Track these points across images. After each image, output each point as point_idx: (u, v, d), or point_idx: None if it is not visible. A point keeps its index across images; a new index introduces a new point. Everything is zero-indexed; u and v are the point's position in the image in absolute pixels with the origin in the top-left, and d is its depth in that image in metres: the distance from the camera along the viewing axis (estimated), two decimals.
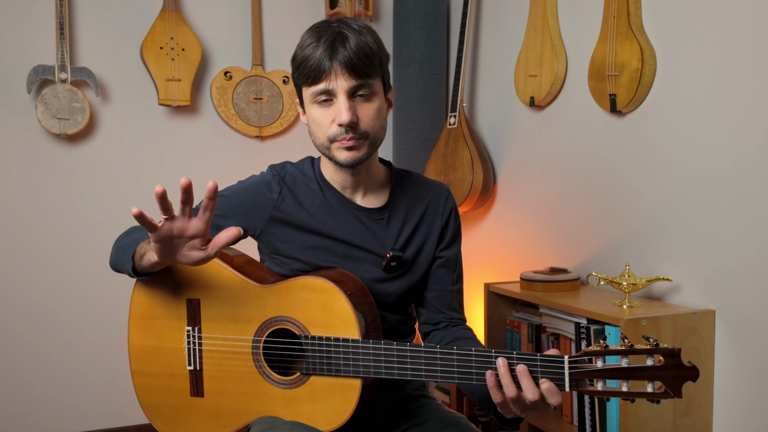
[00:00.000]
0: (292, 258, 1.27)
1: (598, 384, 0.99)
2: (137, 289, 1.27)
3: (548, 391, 1.00)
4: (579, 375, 1.00)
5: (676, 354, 0.95)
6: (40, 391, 2.56)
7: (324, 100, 1.16)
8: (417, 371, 1.10)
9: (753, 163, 1.56)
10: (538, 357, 1.01)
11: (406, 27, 2.74)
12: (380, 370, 1.11)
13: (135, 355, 1.28)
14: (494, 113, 2.64)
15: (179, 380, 1.25)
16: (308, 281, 1.18)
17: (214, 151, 2.77)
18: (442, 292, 1.34)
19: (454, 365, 1.07)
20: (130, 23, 2.63)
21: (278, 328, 1.19)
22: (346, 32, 1.14)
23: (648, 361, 0.97)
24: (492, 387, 1.03)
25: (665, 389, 0.96)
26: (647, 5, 1.85)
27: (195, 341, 1.24)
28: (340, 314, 1.14)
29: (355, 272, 1.25)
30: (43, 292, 2.56)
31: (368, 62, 1.15)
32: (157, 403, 1.27)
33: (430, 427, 1.26)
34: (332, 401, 1.15)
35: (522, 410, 1.04)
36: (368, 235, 1.27)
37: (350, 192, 1.28)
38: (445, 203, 1.34)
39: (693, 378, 0.95)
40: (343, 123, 1.14)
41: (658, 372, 0.96)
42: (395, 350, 1.10)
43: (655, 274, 1.81)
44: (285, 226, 1.26)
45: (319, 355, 1.14)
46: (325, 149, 1.21)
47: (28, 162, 2.53)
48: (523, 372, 1.01)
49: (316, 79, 1.15)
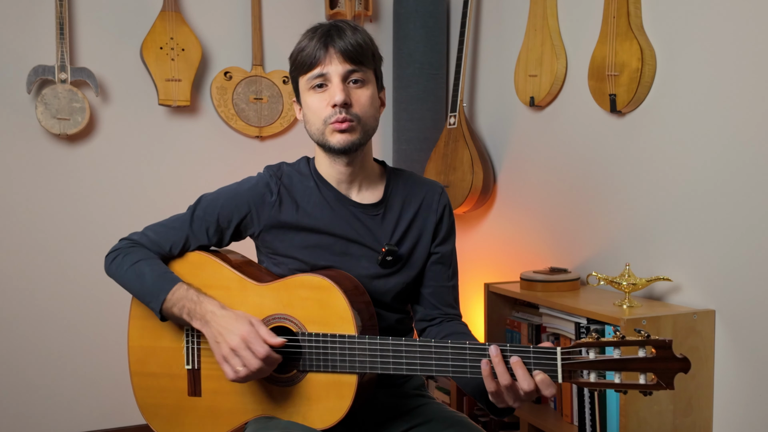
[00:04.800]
0: (290, 257, 1.27)
1: (591, 376, 1.00)
2: None
3: (543, 382, 1.02)
4: (572, 366, 1.01)
5: (668, 345, 0.96)
6: (41, 390, 2.56)
7: (319, 84, 1.20)
8: (412, 366, 1.11)
9: (753, 163, 1.56)
10: (531, 348, 1.03)
11: (406, 27, 2.74)
12: (376, 365, 1.12)
13: (134, 356, 1.29)
14: (494, 113, 2.64)
15: (177, 380, 1.25)
16: (306, 279, 1.19)
17: (214, 151, 2.77)
18: (437, 288, 1.35)
19: (448, 359, 1.08)
20: (130, 23, 2.63)
21: (276, 326, 1.19)
22: (341, 26, 1.21)
23: (640, 353, 0.97)
24: (486, 376, 1.04)
25: (657, 380, 0.97)
26: (647, 5, 1.85)
27: (194, 340, 1.25)
28: (337, 311, 1.15)
29: (353, 269, 1.26)
30: (43, 292, 2.56)
31: (362, 51, 1.20)
32: (155, 404, 1.27)
33: (434, 426, 1.26)
34: (328, 398, 1.16)
35: (515, 400, 1.05)
36: (364, 231, 1.28)
37: (345, 187, 1.30)
38: (438, 200, 1.35)
39: (685, 369, 0.96)
40: (337, 103, 1.18)
41: (650, 363, 0.97)
42: (390, 345, 1.11)
43: (655, 274, 1.81)
44: (283, 228, 1.27)
45: (315, 351, 1.15)
46: (320, 135, 1.23)
47: (28, 162, 2.53)
48: (517, 363, 1.02)
49: (311, 65, 1.20)
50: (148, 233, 1.30)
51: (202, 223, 1.27)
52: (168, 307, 1.19)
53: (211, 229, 1.27)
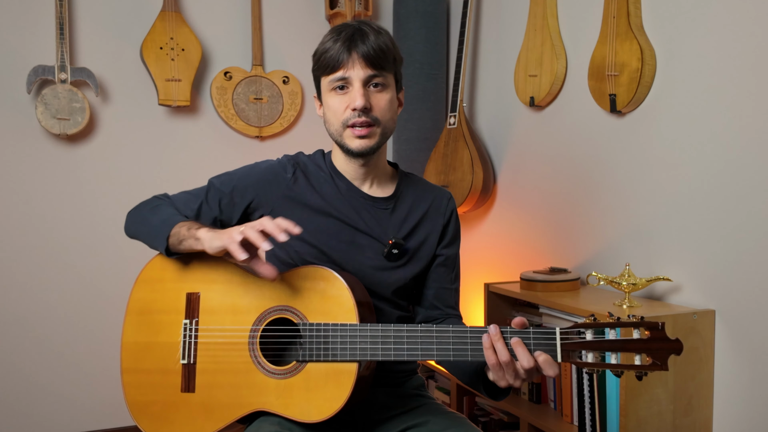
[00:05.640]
0: (297, 238, 1.27)
1: (587, 356, 1.04)
2: (138, 285, 1.28)
3: (546, 362, 1.04)
4: (570, 347, 1.05)
5: (660, 327, 1.02)
6: (43, 390, 2.56)
7: (340, 86, 1.24)
8: (413, 351, 1.12)
9: (753, 163, 1.57)
10: (531, 330, 1.07)
11: (406, 27, 2.74)
12: (377, 352, 1.13)
13: (127, 352, 1.27)
14: (494, 113, 2.64)
15: (171, 376, 1.24)
16: (308, 270, 1.20)
17: (213, 151, 2.77)
18: (440, 289, 1.37)
19: (449, 342, 1.10)
20: (130, 23, 2.63)
21: (277, 318, 1.20)
22: (365, 29, 1.24)
23: (635, 334, 1.03)
24: (488, 348, 1.06)
25: (652, 361, 1.02)
26: (647, 5, 1.85)
27: (191, 334, 1.24)
28: (339, 301, 1.16)
29: (357, 258, 1.29)
30: (43, 292, 2.56)
31: (383, 56, 1.23)
32: (145, 401, 1.26)
33: (432, 426, 1.26)
34: (327, 388, 1.15)
35: (515, 378, 1.07)
36: (373, 223, 1.31)
37: (359, 182, 1.34)
38: (447, 205, 1.40)
39: (677, 351, 1.02)
40: (357, 107, 1.22)
41: (644, 344, 1.02)
42: (392, 331, 1.13)
43: (655, 274, 1.81)
44: (296, 205, 1.30)
45: (316, 341, 1.16)
46: (338, 136, 1.27)
47: (28, 162, 2.53)
48: (517, 342, 1.05)
49: (334, 68, 1.23)
50: (171, 195, 1.36)
51: (216, 193, 1.31)
52: (174, 244, 1.21)
53: (224, 200, 1.31)
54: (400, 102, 1.34)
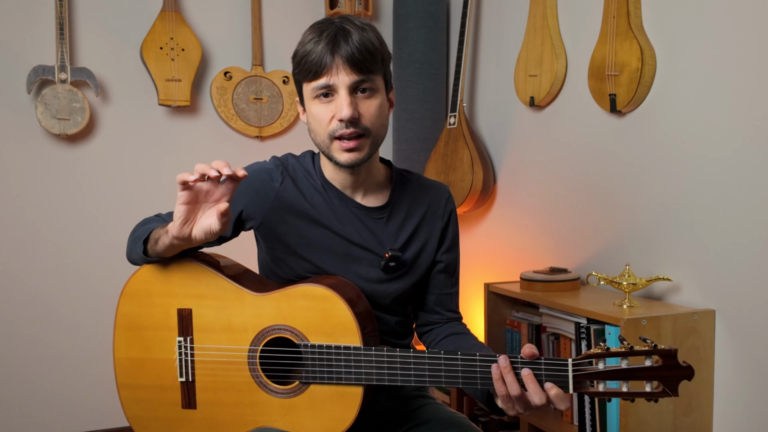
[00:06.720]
0: (291, 254, 1.25)
1: (599, 385, 1.01)
2: (123, 300, 1.23)
3: (557, 397, 1.00)
4: (581, 377, 1.01)
5: (673, 354, 0.99)
6: (42, 390, 2.56)
7: (325, 94, 1.14)
8: (421, 377, 1.08)
9: (753, 163, 1.56)
10: (543, 360, 1.02)
11: (406, 27, 2.74)
12: (383, 377, 1.10)
13: (121, 368, 1.24)
14: (494, 113, 2.64)
15: (170, 392, 1.21)
16: (307, 289, 1.15)
17: (214, 152, 2.77)
18: (441, 295, 1.34)
19: (458, 370, 1.06)
20: (130, 23, 2.63)
21: (275, 337, 1.16)
22: (349, 28, 1.13)
23: (646, 362, 1.00)
24: (497, 379, 1.02)
25: (663, 388, 0.99)
26: (647, 5, 1.85)
27: (187, 352, 1.20)
28: (341, 321, 1.12)
29: (354, 272, 1.25)
30: (44, 292, 2.56)
31: (370, 58, 1.13)
32: (146, 417, 1.23)
33: (432, 427, 1.25)
34: (333, 409, 1.13)
35: (525, 409, 1.04)
36: (368, 235, 1.26)
37: (350, 191, 1.27)
38: (445, 206, 1.33)
39: (689, 377, 0.99)
40: (344, 118, 1.12)
41: (656, 372, 0.99)
42: (398, 357, 1.09)
43: (655, 274, 1.81)
44: (286, 213, 1.24)
45: (319, 363, 1.12)
46: (325, 147, 1.19)
47: (28, 162, 2.53)
48: (528, 376, 1.01)
49: (317, 74, 1.13)
50: (162, 213, 1.30)
51: None
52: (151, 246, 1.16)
53: None
54: (391, 103, 1.24)
